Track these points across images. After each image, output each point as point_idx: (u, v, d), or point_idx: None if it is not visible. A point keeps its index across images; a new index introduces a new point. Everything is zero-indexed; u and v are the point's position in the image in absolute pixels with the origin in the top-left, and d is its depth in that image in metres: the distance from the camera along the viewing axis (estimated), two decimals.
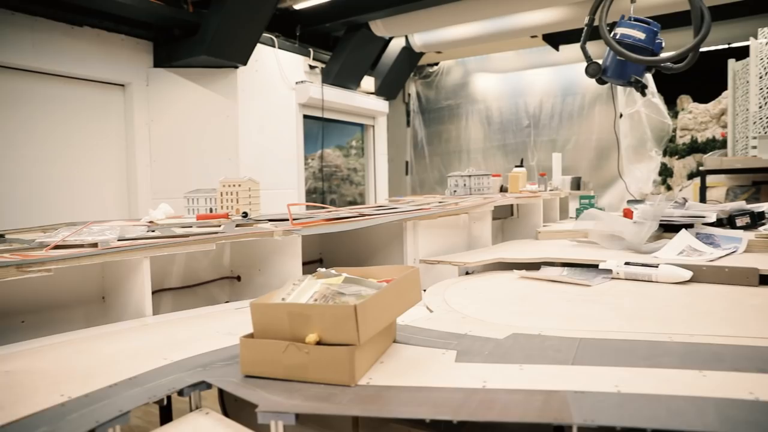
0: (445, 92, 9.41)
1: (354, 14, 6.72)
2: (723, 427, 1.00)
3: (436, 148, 9.50)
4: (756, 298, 2.14)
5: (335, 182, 8.52)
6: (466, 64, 9.29)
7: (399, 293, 1.53)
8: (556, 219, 4.72)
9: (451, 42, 7.78)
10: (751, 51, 5.71)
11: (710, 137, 7.49)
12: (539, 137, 8.39)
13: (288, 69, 6.72)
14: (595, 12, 3.48)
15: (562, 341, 1.57)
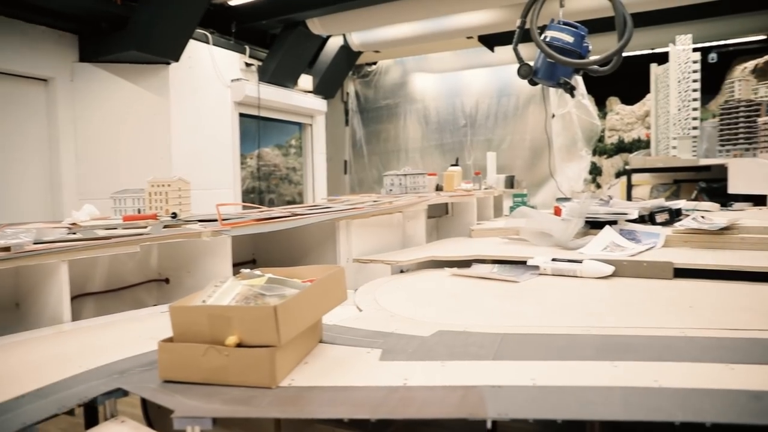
0: (384, 91, 9.46)
1: (290, 12, 6.65)
2: (626, 414, 1.05)
3: (374, 147, 9.53)
4: (670, 291, 2.25)
5: (274, 182, 8.40)
6: (404, 64, 9.36)
7: (323, 293, 1.52)
8: (490, 217, 4.81)
9: (388, 41, 7.82)
10: (671, 57, 6.03)
11: (636, 137, 7.85)
12: (475, 137, 8.56)
13: (223, 66, 6.58)
14: (526, 15, 3.58)
15: (486, 337, 1.60)
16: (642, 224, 3.53)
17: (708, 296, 2.15)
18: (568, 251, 3.00)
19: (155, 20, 5.31)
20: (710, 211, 4.09)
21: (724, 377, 1.24)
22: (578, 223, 3.16)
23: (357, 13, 6.59)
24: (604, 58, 3.42)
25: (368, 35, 7.80)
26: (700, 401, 1.09)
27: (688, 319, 1.80)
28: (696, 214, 3.41)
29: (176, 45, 5.69)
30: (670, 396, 1.13)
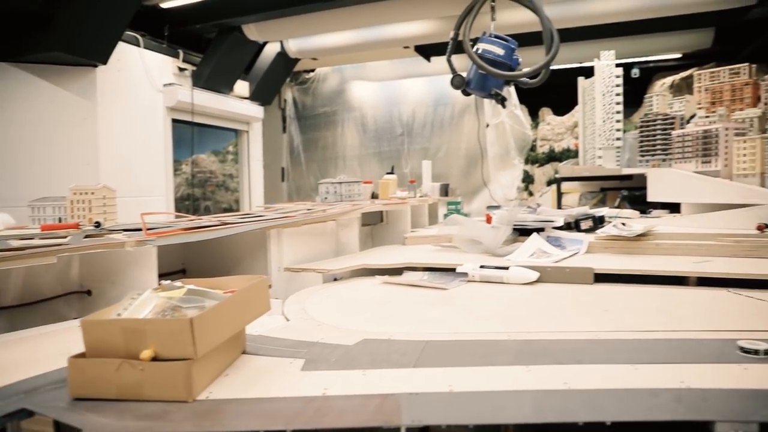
0: (322, 99, 9.44)
1: (225, 17, 6.54)
2: (535, 416, 1.09)
3: (312, 155, 9.48)
4: (589, 296, 2.35)
5: (210, 189, 8.22)
6: (342, 72, 9.37)
7: (244, 304, 1.50)
8: (425, 224, 4.88)
9: (326, 49, 7.82)
10: (596, 71, 6.31)
11: (566, 147, 8.16)
12: (412, 145, 8.66)
13: (155, 70, 6.38)
14: (459, 27, 3.66)
15: (409, 345, 1.62)
16: (568, 231, 3.68)
17: (623, 300, 2.26)
18: (496, 258, 3.09)
19: (80, 20, 5.10)
20: (631, 218, 4.30)
21: (629, 377, 1.30)
22: (506, 231, 3.26)
23: (293, 20, 6.55)
24: (533, 71, 3.53)
25: (305, 42, 7.77)
26: (603, 401, 1.15)
27: (603, 322, 1.89)
28: (617, 222, 3.58)
29: (104, 47, 5.47)
30: (577, 397, 1.18)
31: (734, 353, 1.48)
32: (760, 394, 1.19)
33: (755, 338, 1.58)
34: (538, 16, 3.49)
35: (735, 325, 1.80)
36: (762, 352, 1.45)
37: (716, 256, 2.98)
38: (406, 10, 6.29)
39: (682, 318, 1.93)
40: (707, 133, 4.57)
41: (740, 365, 1.39)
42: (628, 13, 6.42)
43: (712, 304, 2.17)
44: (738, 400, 1.17)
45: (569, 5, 6.25)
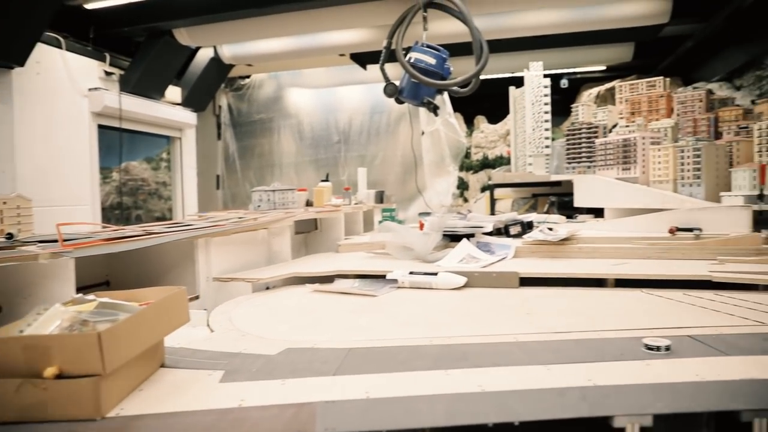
0: (258, 106, 9.31)
1: (155, 20, 6.35)
2: (447, 419, 1.11)
3: (248, 162, 9.33)
4: (513, 299, 2.42)
5: (142, 197, 7.94)
6: (278, 78, 9.28)
7: (160, 316, 1.46)
8: (360, 231, 4.89)
9: (261, 55, 7.72)
10: (525, 81, 6.53)
11: (499, 154, 8.38)
12: (349, 152, 8.67)
13: (79, 74, 6.11)
14: (392, 36, 3.69)
15: (332, 352, 1.62)
16: (498, 236, 3.78)
17: (545, 303, 2.34)
18: (427, 264, 3.13)
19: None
20: (558, 223, 4.46)
21: (541, 378, 1.35)
22: (437, 237, 3.31)
23: (226, 26, 6.44)
24: (463, 80, 3.60)
25: (240, 48, 7.65)
26: (514, 402, 1.18)
27: (524, 325, 1.95)
28: (543, 227, 3.70)
29: (20, 48, 5.19)
30: (490, 399, 1.21)
31: (640, 350, 1.56)
32: (657, 387, 1.26)
33: (660, 335, 1.67)
34: (468, 27, 3.56)
35: (644, 324, 1.90)
36: (663, 348, 1.54)
37: (632, 259, 3.14)
38: (341, 18, 6.31)
39: (598, 318, 2.02)
40: (626, 142, 4.80)
41: (644, 362, 1.46)
42: (555, 26, 6.68)
43: (626, 304, 2.28)
44: (637, 394, 1.23)
45: (499, 17, 6.43)
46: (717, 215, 3.64)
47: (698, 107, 5.51)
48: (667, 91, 6.10)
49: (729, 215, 3.60)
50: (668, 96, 5.89)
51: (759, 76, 6.24)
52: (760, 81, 6.20)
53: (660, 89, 6.17)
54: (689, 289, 2.51)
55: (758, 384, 1.29)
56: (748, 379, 1.32)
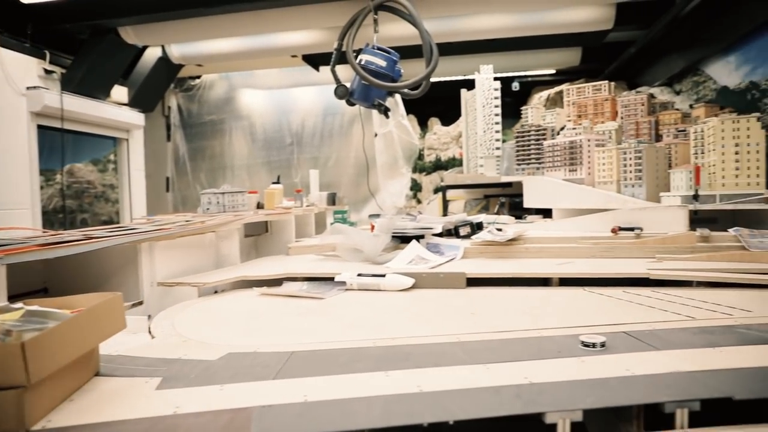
0: (209, 107, 9.16)
1: (98, 17, 6.16)
2: (383, 420, 1.11)
3: (199, 164, 9.17)
4: (459, 300, 2.45)
5: (88, 200, 7.68)
6: (230, 79, 9.16)
7: (92, 323, 1.41)
8: (311, 234, 4.87)
9: (211, 56, 7.60)
10: (476, 84, 6.63)
11: (451, 156, 8.48)
12: (302, 154, 8.63)
13: (16, 72, 5.86)
14: (343, 38, 3.69)
15: (274, 356, 1.61)
16: (449, 237, 3.82)
17: (490, 303, 2.37)
18: (376, 266, 3.14)
19: None
20: (507, 223, 4.54)
21: (479, 377, 1.37)
22: (386, 239, 3.32)
23: (174, 25, 6.31)
24: (414, 83, 3.62)
25: (189, 48, 7.51)
26: (450, 402, 1.20)
27: (468, 325, 1.97)
28: (492, 227, 3.76)
29: None
30: (427, 399, 1.22)
31: (577, 347, 1.60)
32: (590, 383, 1.30)
33: (597, 332, 1.72)
34: (418, 30, 3.58)
35: (583, 321, 1.95)
36: (598, 345, 1.58)
37: (577, 258, 3.22)
38: (292, 19, 6.27)
39: (540, 317, 2.06)
40: (573, 144, 4.93)
41: (579, 358, 1.51)
42: (504, 30, 6.80)
43: (568, 302, 2.34)
44: (570, 390, 1.26)
45: (450, 21, 6.51)
46: (657, 215, 3.77)
47: (640, 111, 5.71)
48: (612, 95, 6.29)
49: (667, 215, 3.74)
50: (613, 100, 6.08)
51: (696, 82, 6.51)
52: (698, 86, 6.47)
53: (605, 93, 6.36)
54: (629, 287, 2.60)
55: (682, 376, 1.34)
56: (673, 372, 1.37)
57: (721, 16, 5.74)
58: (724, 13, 5.68)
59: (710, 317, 2.00)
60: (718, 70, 6.08)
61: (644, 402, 1.21)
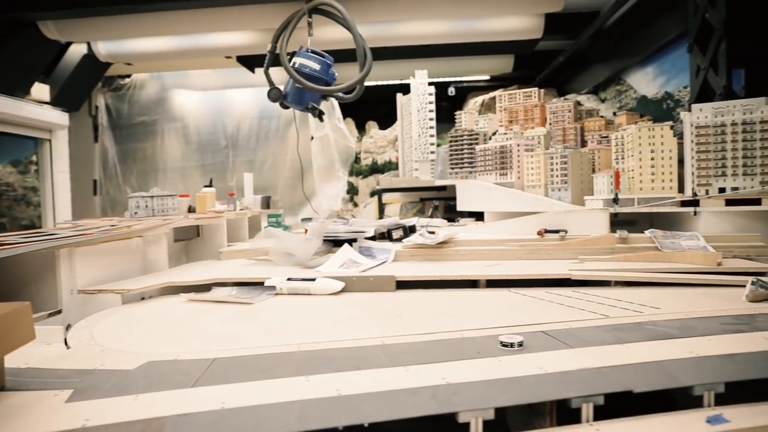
0: (140, 107, 8.87)
1: (15, 10, 5.84)
2: (299, 425, 1.12)
3: (130, 167, 8.85)
4: (388, 303, 2.47)
5: (6, 203, 7.28)
6: (162, 79, 8.90)
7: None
8: (245, 238, 4.79)
9: (141, 54, 7.36)
10: (412, 88, 6.72)
11: (388, 160, 8.55)
12: (237, 157, 8.49)
13: None
14: (277, 41, 3.65)
15: (195, 364, 1.58)
16: (382, 240, 3.85)
17: (418, 305, 2.41)
18: (307, 270, 3.12)
19: None
20: (440, 226, 4.62)
21: (398, 379, 1.39)
22: (318, 242, 3.31)
23: (99, 21, 6.07)
24: (347, 86, 3.63)
25: (117, 46, 7.25)
26: (367, 404, 1.21)
27: (393, 328, 1.99)
28: (424, 231, 3.82)
29: None
30: (344, 403, 1.23)
31: (496, 348, 1.66)
32: (504, 382, 1.35)
33: (517, 332, 1.78)
34: (351, 34, 3.59)
35: (506, 322, 2.01)
36: (516, 344, 1.64)
37: (504, 260, 3.32)
38: (226, 20, 6.17)
39: (464, 318, 2.11)
40: (503, 149, 5.08)
41: (497, 358, 1.56)
42: (438, 36, 6.94)
43: (492, 303, 2.41)
44: (484, 390, 1.30)
45: (385, 26, 6.58)
46: (580, 217, 3.94)
47: (567, 117, 5.94)
48: (542, 101, 6.53)
49: (590, 217, 3.91)
50: (542, 106, 6.30)
51: (619, 91, 6.84)
52: (620, 95, 6.80)
53: (535, 100, 6.58)
54: (552, 287, 2.70)
55: (590, 372, 1.41)
56: (583, 368, 1.44)
57: (639, 29, 6.07)
58: (642, 27, 6.00)
59: (622, 315, 2.10)
60: (638, 80, 6.42)
61: (552, 398, 1.27)
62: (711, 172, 3.85)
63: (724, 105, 3.83)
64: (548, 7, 6.31)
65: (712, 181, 3.85)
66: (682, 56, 4.87)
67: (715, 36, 4.18)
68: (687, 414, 1.33)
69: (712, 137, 3.84)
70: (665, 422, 1.29)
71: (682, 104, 5.35)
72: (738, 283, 2.53)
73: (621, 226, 3.85)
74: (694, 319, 2.00)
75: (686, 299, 2.36)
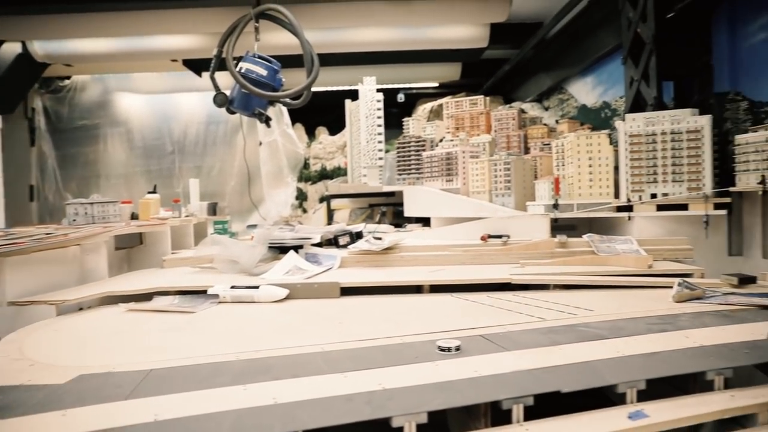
0: (81, 110, 8.57)
1: None
2: None
3: (71, 172, 8.54)
4: (331, 309, 2.48)
5: None
6: (105, 81, 8.64)
7: None
8: (190, 245, 4.70)
9: (81, 55, 7.13)
10: (360, 95, 6.75)
11: (337, 165, 8.55)
12: (184, 163, 8.33)
13: None
14: (223, 45, 3.60)
15: (130, 376, 1.55)
16: (329, 247, 3.85)
17: (361, 311, 2.43)
18: (253, 277, 3.10)
19: None
20: (386, 232, 4.65)
21: (335, 385, 1.40)
22: (263, 249, 3.29)
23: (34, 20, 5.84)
24: (295, 92, 3.61)
25: (55, 46, 6.99)
26: (301, 412, 1.22)
27: (334, 334, 2.00)
28: (370, 237, 3.84)
29: None
30: (278, 411, 1.24)
31: (434, 352, 1.69)
32: (439, 386, 1.38)
33: (456, 336, 1.82)
34: (299, 39, 3.58)
35: (445, 326, 2.05)
36: (454, 348, 1.68)
37: (449, 265, 3.38)
38: (171, 22, 6.06)
39: (406, 324, 2.14)
40: (449, 155, 5.17)
41: (434, 363, 1.59)
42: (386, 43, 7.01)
43: (435, 308, 2.45)
44: (419, 394, 1.33)
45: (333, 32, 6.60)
46: (523, 223, 4.05)
47: (512, 125, 6.10)
48: (487, 109, 6.67)
49: (532, 222, 4.03)
50: (487, 113, 6.44)
51: (561, 99, 7.07)
52: (562, 103, 7.03)
53: (481, 107, 6.72)
54: (494, 291, 2.77)
55: (522, 374, 1.46)
56: (516, 371, 1.49)
57: (579, 41, 6.30)
58: (581, 39, 6.24)
59: (558, 318, 2.18)
60: (578, 89, 6.65)
61: (483, 401, 1.31)
62: (644, 179, 4.03)
63: (655, 115, 4.02)
64: (493, 17, 6.47)
65: (644, 187, 4.03)
66: (619, 68, 5.09)
67: (646, 50, 4.39)
68: (611, 411, 1.39)
69: (644, 146, 4.02)
70: (591, 419, 1.35)
71: (618, 113, 5.58)
72: (666, 285, 2.65)
73: (562, 230, 3.99)
74: (623, 320, 2.09)
75: (618, 301, 2.47)
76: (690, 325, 1.97)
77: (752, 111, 4.00)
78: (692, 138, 3.90)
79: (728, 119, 4.20)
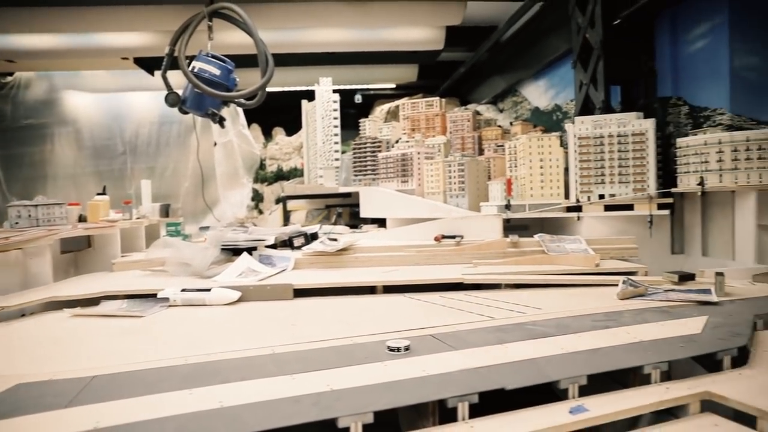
0: (26, 109, 8.26)
1: None
2: None
3: (15, 173, 8.22)
4: (284, 311, 2.47)
5: None
6: (51, 79, 8.35)
7: None
8: (142, 248, 4.60)
9: (24, 52, 6.86)
10: (316, 95, 6.74)
11: (293, 166, 8.50)
12: (137, 164, 8.13)
13: None
14: (175, 43, 3.53)
15: (72, 383, 1.51)
16: (284, 248, 3.83)
17: (314, 313, 2.43)
18: (204, 280, 3.05)
19: None
20: (342, 233, 4.65)
21: (282, 387, 1.40)
22: (215, 252, 3.25)
23: None
24: (249, 93, 3.58)
25: None
26: (247, 415, 1.22)
27: (286, 336, 2.00)
28: (324, 237, 3.84)
29: None
30: (225, 414, 1.23)
31: (384, 352, 1.70)
32: (387, 386, 1.40)
33: (407, 336, 1.84)
34: (253, 39, 3.55)
35: (397, 327, 2.07)
36: (403, 348, 1.70)
37: (403, 265, 3.41)
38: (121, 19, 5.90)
39: (358, 325, 2.15)
40: (404, 156, 5.21)
41: (383, 363, 1.60)
42: (343, 44, 7.00)
43: (387, 309, 2.47)
44: (368, 394, 1.34)
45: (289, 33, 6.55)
46: (476, 223, 4.11)
47: (467, 126, 6.19)
48: (442, 110, 6.74)
49: (485, 223, 4.09)
50: (443, 115, 6.52)
51: (515, 102, 7.21)
52: (516, 106, 7.17)
53: (437, 109, 6.79)
54: (446, 291, 2.80)
55: (468, 372, 1.49)
56: (462, 369, 1.52)
57: (531, 44, 6.44)
58: (534, 43, 6.37)
59: (507, 316, 2.23)
60: (531, 92, 6.80)
61: (430, 399, 1.33)
62: (592, 180, 4.15)
63: (602, 118, 4.15)
64: (448, 20, 6.54)
65: (593, 188, 4.15)
66: (569, 72, 5.22)
67: (594, 55, 4.52)
68: (554, 406, 1.43)
69: (592, 147, 4.14)
70: (534, 415, 1.38)
71: (569, 116, 5.73)
72: (612, 283, 2.74)
73: (515, 230, 4.06)
74: (569, 317, 2.15)
75: (566, 299, 2.54)
76: (632, 322, 2.04)
77: (692, 115, 4.17)
78: (637, 141, 4.04)
79: (671, 123, 4.37)
